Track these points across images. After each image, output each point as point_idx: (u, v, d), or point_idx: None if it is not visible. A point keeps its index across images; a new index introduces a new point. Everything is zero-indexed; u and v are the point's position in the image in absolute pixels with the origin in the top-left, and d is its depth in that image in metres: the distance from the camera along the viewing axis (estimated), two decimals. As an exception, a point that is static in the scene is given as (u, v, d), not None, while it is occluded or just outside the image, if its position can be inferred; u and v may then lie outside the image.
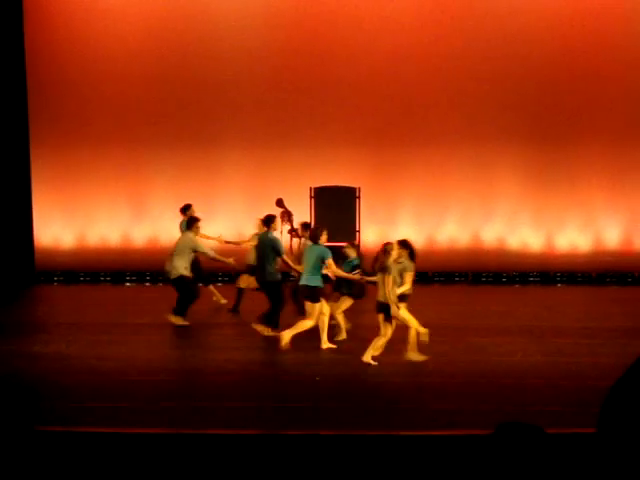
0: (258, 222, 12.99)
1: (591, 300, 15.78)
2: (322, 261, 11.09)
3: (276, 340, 11.18)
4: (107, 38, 17.68)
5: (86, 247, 18.15)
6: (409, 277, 10.58)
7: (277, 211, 14.96)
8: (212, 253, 13.07)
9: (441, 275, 17.88)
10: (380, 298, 10.19)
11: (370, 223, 17.40)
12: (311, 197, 17.03)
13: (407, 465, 6.83)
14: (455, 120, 17.61)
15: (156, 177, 17.87)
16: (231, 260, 13.05)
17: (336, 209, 16.88)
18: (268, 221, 12.23)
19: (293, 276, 13.64)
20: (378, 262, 10.27)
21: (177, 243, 13.00)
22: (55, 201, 18.06)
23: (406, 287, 10.55)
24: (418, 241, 17.93)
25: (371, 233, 17.51)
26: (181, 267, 12.64)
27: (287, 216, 16.50)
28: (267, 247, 12.04)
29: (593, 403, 1.69)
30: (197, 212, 13.82)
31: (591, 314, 13.96)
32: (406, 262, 10.60)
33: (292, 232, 15.47)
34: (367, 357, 10.39)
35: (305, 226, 12.91)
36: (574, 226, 17.86)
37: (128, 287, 17.67)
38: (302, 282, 11.24)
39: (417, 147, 17.69)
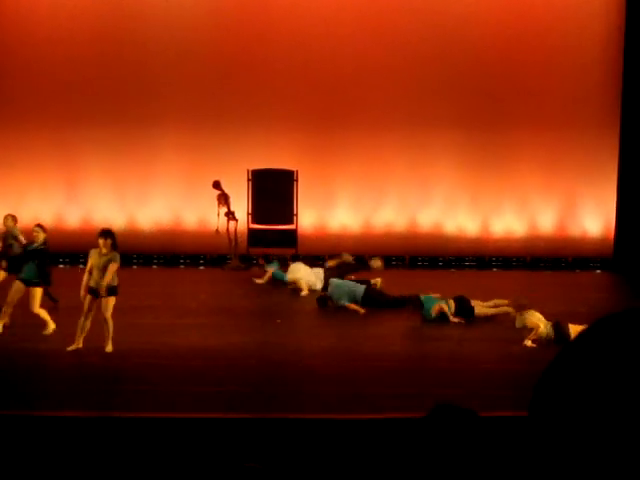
0: None
1: (525, 285, 15.97)
2: None
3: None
4: (40, 17, 17.29)
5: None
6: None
7: (214, 193, 14.89)
8: None
9: (378, 259, 17.91)
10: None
11: (307, 207, 17.35)
12: (248, 180, 16.92)
13: (341, 448, 6.82)
14: (393, 105, 17.64)
15: (90, 157, 17.53)
16: None
17: (273, 192, 16.82)
18: None
19: None
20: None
21: None
22: (-15, 181, 17.65)
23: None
24: (355, 225, 18.01)
25: (308, 217, 17.48)
26: None
27: (224, 199, 16.37)
28: None
29: (525, 386, 1.66)
30: (132, 194, 13.58)
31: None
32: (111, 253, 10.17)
33: (229, 215, 15.40)
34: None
35: None
36: (509, 211, 18.05)
37: (61, 269, 17.33)
38: None
39: (355, 131, 17.67)
